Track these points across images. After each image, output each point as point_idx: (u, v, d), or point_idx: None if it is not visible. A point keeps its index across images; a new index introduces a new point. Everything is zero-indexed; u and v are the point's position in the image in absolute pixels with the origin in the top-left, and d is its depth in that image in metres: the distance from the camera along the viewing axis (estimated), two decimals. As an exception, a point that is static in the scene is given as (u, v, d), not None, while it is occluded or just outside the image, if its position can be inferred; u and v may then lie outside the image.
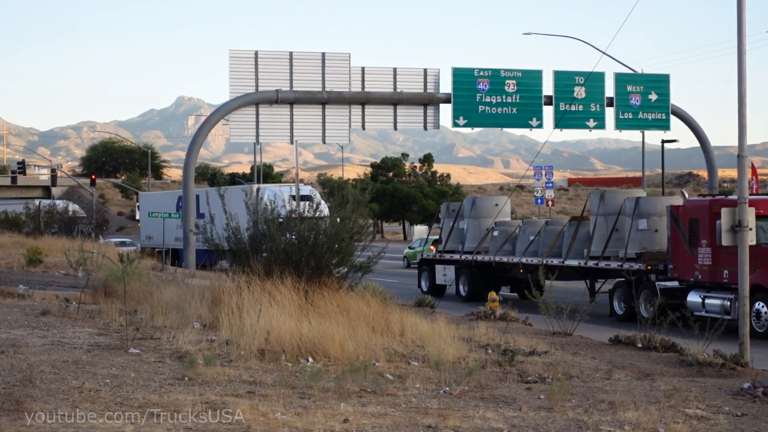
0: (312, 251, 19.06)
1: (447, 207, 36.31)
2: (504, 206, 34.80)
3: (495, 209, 34.12)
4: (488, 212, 34.01)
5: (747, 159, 17.57)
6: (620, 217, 27.43)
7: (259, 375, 12.98)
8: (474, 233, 33.50)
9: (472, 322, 21.67)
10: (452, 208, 35.75)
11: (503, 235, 32.22)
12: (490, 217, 33.83)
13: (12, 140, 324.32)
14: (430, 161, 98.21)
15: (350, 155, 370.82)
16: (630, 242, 26.61)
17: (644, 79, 47.44)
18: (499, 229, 32.62)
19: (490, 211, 34.08)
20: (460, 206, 35.08)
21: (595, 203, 28.45)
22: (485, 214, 33.93)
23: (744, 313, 17.02)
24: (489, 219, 33.72)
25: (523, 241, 31.09)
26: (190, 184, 42.98)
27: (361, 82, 43.10)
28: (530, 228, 31.44)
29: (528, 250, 30.56)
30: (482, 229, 33.48)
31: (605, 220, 27.92)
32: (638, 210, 26.69)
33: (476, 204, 34.24)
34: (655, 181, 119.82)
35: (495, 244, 32.18)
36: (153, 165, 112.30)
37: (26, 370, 12.17)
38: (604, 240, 27.69)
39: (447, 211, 35.84)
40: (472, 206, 34.11)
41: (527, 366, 15.23)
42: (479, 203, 34.43)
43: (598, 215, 28.02)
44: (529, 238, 30.80)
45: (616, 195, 28.59)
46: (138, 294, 20.01)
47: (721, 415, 11.73)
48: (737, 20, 17.38)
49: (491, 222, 33.43)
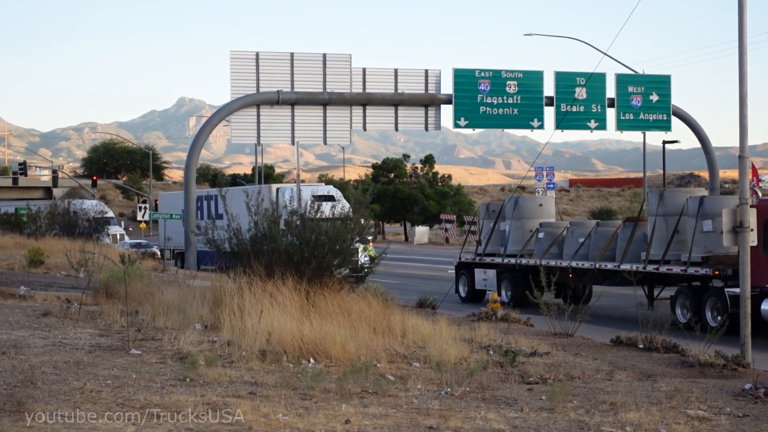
0: (313, 252, 19.07)
1: (487, 207, 34.21)
2: (548, 206, 32.90)
3: (539, 209, 32.15)
4: (532, 213, 32.03)
5: (748, 160, 17.57)
6: (682, 218, 25.42)
7: (260, 376, 12.98)
8: (517, 235, 31.61)
9: (474, 323, 21.67)
10: (492, 208, 33.66)
11: (549, 237, 30.28)
12: (534, 217, 31.85)
13: (13, 141, 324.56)
14: (431, 162, 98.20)
15: (351, 156, 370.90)
16: (694, 245, 24.69)
17: (645, 80, 47.44)
18: (544, 230, 30.65)
19: (534, 211, 32.09)
20: (501, 206, 32.97)
21: (653, 203, 26.36)
22: (528, 215, 31.96)
23: (745, 314, 17.02)
24: (533, 220, 31.76)
25: (572, 243, 29.11)
26: (192, 185, 42.99)
27: (362, 83, 43.12)
28: (579, 230, 29.44)
29: (578, 253, 28.59)
30: (526, 230, 31.58)
31: (665, 222, 25.95)
32: (703, 210, 24.75)
33: (519, 204, 32.14)
34: (656, 182, 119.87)
35: (540, 247, 30.26)
36: (154, 166, 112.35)
37: (28, 371, 12.17)
38: (665, 243, 25.74)
39: (487, 211, 33.79)
40: (514, 206, 32.02)
41: (529, 367, 15.23)
42: (522, 203, 32.35)
43: (657, 216, 26.06)
44: (578, 241, 28.85)
45: (677, 194, 26.61)
46: (139, 295, 20.02)
47: (722, 416, 11.73)
48: (738, 21, 17.39)
49: (535, 223, 31.42)
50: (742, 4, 17.32)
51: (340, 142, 47.23)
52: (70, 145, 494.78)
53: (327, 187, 45.62)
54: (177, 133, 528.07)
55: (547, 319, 20.81)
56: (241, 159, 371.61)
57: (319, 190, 42.57)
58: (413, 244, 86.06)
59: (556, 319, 20.57)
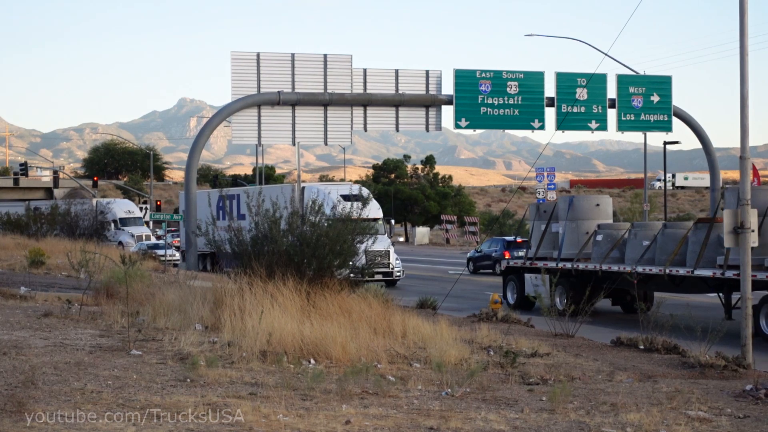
0: (314, 253, 19.06)
1: (537, 208, 31.73)
2: (605, 207, 30.50)
3: (596, 210, 29.79)
4: (588, 213, 29.72)
5: (749, 160, 17.57)
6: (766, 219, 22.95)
7: (261, 376, 12.98)
8: (572, 238, 29.32)
9: (474, 323, 21.67)
10: (543, 209, 31.33)
11: (609, 240, 27.99)
12: (591, 218, 29.54)
13: (14, 142, 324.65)
14: (432, 163, 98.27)
15: (352, 157, 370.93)
16: (782, 249, 22.42)
17: (646, 81, 47.45)
18: (603, 232, 28.37)
19: (591, 212, 29.78)
20: (554, 207, 30.68)
21: (731, 202, 23.51)
22: (584, 216, 29.65)
23: (746, 315, 17.02)
24: (589, 221, 29.47)
25: (635, 247, 26.79)
26: (192, 185, 43.00)
27: (363, 83, 43.14)
28: (643, 232, 27.04)
29: (644, 257, 26.27)
30: (581, 232, 29.33)
31: None
32: None
33: (574, 204, 29.76)
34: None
35: (599, 251, 27.89)
36: (155, 167, 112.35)
37: (28, 372, 12.17)
38: (745, 246, 24.08)
39: (537, 212, 31.29)
40: (569, 207, 29.67)
41: (529, 368, 15.23)
42: (578, 203, 29.94)
43: None
44: (643, 244, 26.55)
45: (761, 192, 24.03)
46: (140, 296, 20.02)
47: (723, 417, 11.72)
48: (739, 22, 17.38)
49: (592, 224, 29.17)
50: (743, 5, 17.32)
51: (340, 142, 47.23)
52: (71, 146, 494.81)
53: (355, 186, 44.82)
54: (178, 134, 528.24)
55: (548, 320, 20.80)
56: (241, 159, 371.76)
57: (347, 189, 41.76)
58: (414, 245, 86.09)
59: (557, 320, 20.56)
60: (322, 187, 39.76)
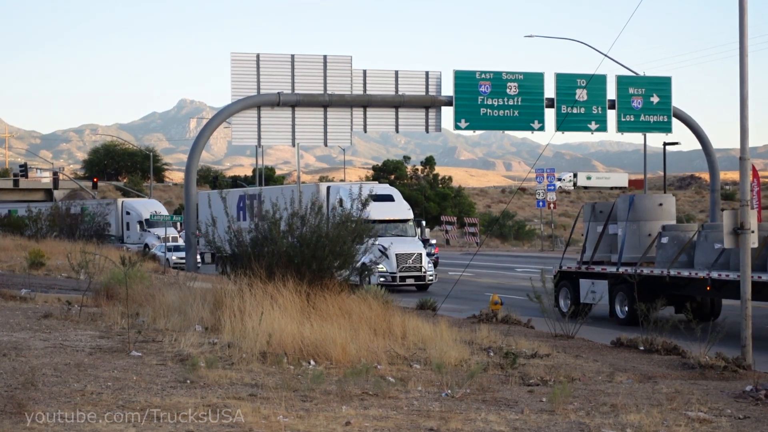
0: (314, 254, 19.06)
1: (593, 208, 29.08)
2: (669, 206, 28.04)
3: (659, 210, 27.28)
4: (650, 214, 27.24)
5: (749, 161, 17.57)
6: None
7: (261, 378, 12.99)
8: (633, 240, 26.98)
9: (474, 324, 21.67)
10: (600, 209, 28.78)
11: (676, 243, 25.66)
12: (653, 219, 27.08)
13: (14, 143, 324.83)
14: (431, 164, 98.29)
15: (352, 158, 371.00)
16: None
17: (646, 82, 47.46)
18: (669, 234, 26.03)
19: (653, 212, 27.28)
20: (612, 207, 28.31)
21: None
22: (646, 216, 27.23)
23: (746, 316, 17.01)
24: (652, 222, 27.03)
25: (706, 250, 24.46)
26: (192, 186, 42.99)
27: (363, 84, 43.16)
28: (714, 234, 24.33)
29: (718, 261, 23.93)
30: (643, 234, 27.04)
31: None
32: None
33: (635, 204, 27.33)
34: (656, 183, 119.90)
35: (665, 255, 25.50)
36: (155, 168, 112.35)
37: (28, 373, 12.17)
38: None
39: (593, 212, 28.79)
40: (629, 207, 27.25)
41: (529, 369, 15.23)
42: (639, 203, 27.50)
43: None
44: (715, 247, 24.15)
45: None
46: (140, 297, 20.03)
47: (723, 418, 11.72)
48: (739, 23, 17.39)
49: (655, 226, 26.75)
50: (743, 6, 17.33)
51: (340, 143, 47.26)
52: (71, 147, 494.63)
53: (383, 186, 42.38)
54: (178, 135, 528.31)
55: (548, 320, 20.80)
56: (241, 161, 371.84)
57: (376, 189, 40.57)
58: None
59: (557, 320, 20.56)
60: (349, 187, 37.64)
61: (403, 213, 38.06)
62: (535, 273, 29.07)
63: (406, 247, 36.17)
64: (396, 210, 37.62)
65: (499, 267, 50.88)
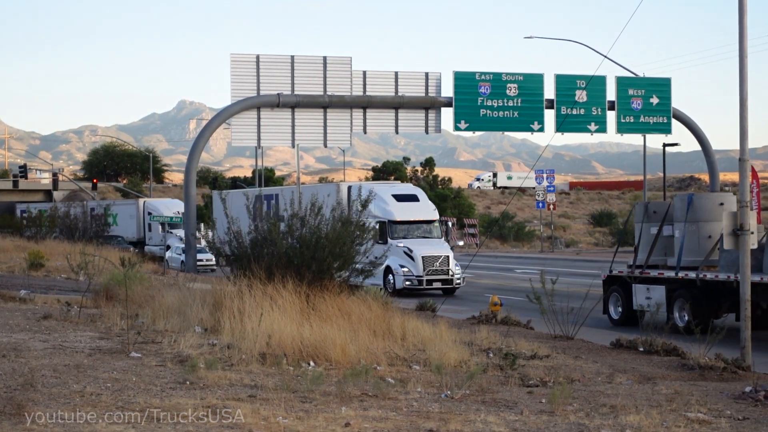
0: (313, 255, 19.06)
1: (645, 208, 27.06)
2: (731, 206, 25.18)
3: (719, 210, 24.59)
4: (710, 214, 25.09)
5: (748, 162, 17.57)
6: None
7: (260, 379, 12.98)
8: (692, 243, 24.99)
9: (474, 326, 21.67)
10: (653, 209, 26.80)
11: None
12: (714, 220, 24.81)
13: (14, 144, 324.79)
14: (431, 165, 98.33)
15: (351, 159, 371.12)
16: None
17: (645, 83, 47.47)
18: None
19: (714, 212, 24.96)
20: (668, 207, 26.33)
21: None
22: (706, 217, 25.14)
23: (745, 317, 17.01)
24: (712, 223, 24.91)
25: None
26: (192, 188, 42.96)
27: (363, 85, 43.15)
28: None
29: None
30: (702, 236, 25.10)
31: None
32: None
33: (694, 204, 25.32)
34: (656, 184, 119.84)
35: (729, 258, 23.14)
36: (154, 169, 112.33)
37: (28, 374, 12.18)
38: None
39: (645, 213, 26.80)
40: (687, 207, 25.22)
41: (529, 370, 15.23)
42: (698, 202, 25.45)
43: None
44: None
45: None
46: (139, 298, 20.04)
47: (722, 419, 11.72)
48: (738, 24, 17.40)
49: (716, 227, 24.37)
50: (742, 7, 17.33)
51: (340, 145, 47.27)
52: (71, 148, 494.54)
53: (406, 186, 41.28)
54: (177, 136, 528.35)
55: (548, 322, 20.80)
56: (241, 162, 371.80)
57: (400, 188, 39.32)
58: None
59: (557, 322, 20.56)
60: (370, 186, 35.33)
61: (429, 213, 36.45)
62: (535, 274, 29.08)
63: (433, 249, 34.97)
64: (421, 210, 36.30)
65: (498, 268, 50.87)
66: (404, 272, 34.03)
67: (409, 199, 35.99)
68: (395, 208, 35.08)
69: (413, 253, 34.10)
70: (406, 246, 34.29)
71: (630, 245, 33.69)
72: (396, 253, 33.61)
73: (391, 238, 34.36)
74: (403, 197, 35.68)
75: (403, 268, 34.14)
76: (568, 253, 70.40)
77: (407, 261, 34.14)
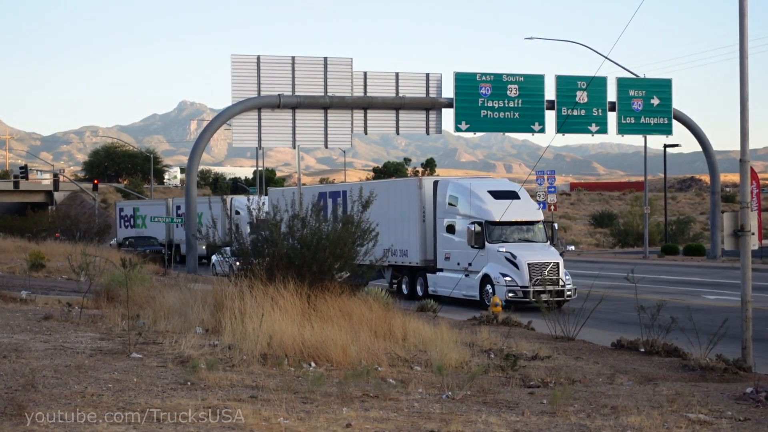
0: (314, 256, 19.06)
1: None
2: None
3: None
4: None
5: (749, 163, 17.56)
6: None
7: (261, 380, 12.98)
8: None
9: (475, 326, 21.65)
10: None
11: None
12: None
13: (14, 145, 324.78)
14: (432, 166, 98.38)
15: (352, 160, 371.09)
16: None
17: (646, 84, 47.50)
18: None
19: None
20: None
21: None
22: None
23: (746, 318, 17.00)
24: None
25: None
26: (193, 188, 43.02)
27: (363, 86, 43.20)
28: None
29: None
30: None
31: None
32: None
33: None
34: (657, 185, 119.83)
35: None
36: (155, 170, 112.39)
37: (29, 375, 12.18)
38: None
39: None
40: None
41: (530, 371, 15.23)
42: None
43: None
44: None
45: None
46: (140, 299, 20.05)
47: (723, 420, 11.71)
48: (739, 24, 17.40)
49: None
50: (743, 8, 17.33)
51: (341, 145, 47.32)
52: (71, 149, 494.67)
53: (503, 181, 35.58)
54: (178, 137, 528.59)
55: (549, 322, 20.79)
56: (242, 162, 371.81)
57: (496, 184, 33.70)
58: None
59: (558, 322, 20.55)
60: (463, 182, 31.96)
61: (532, 213, 31.19)
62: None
63: (540, 255, 29.52)
64: (523, 210, 30.97)
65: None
66: (507, 282, 28.70)
67: (509, 196, 30.90)
68: (493, 207, 30.20)
69: (517, 259, 28.93)
70: (509, 251, 29.16)
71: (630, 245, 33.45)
72: (496, 259, 29.32)
73: (489, 242, 29.71)
74: (502, 194, 30.84)
75: (505, 277, 28.77)
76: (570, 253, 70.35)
77: (510, 269, 28.91)
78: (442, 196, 31.65)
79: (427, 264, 32.35)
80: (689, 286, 37.42)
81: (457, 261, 30.78)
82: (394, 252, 32.14)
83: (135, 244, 54.82)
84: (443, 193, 31.56)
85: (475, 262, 29.82)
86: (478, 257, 29.69)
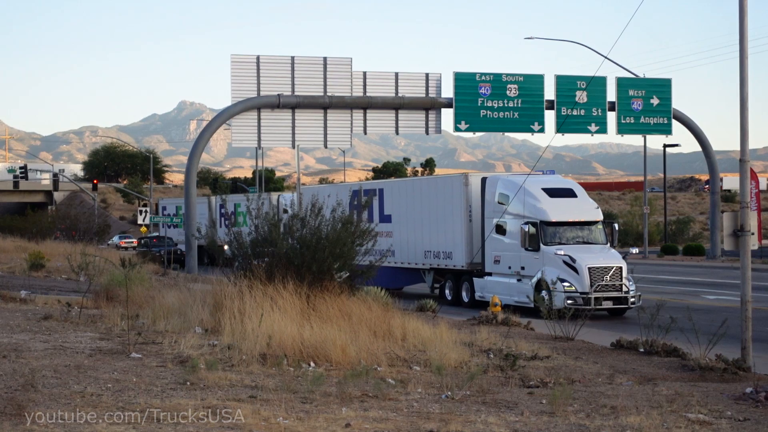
0: (314, 256, 19.05)
1: None
2: None
3: None
4: None
5: (749, 163, 17.56)
6: None
7: (260, 380, 12.98)
8: None
9: (474, 326, 21.65)
10: None
11: None
12: None
13: (14, 145, 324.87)
14: (431, 166, 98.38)
15: (352, 160, 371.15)
16: None
17: (646, 84, 47.49)
18: None
19: None
20: None
21: None
22: None
23: (746, 318, 17.00)
24: None
25: None
26: (192, 188, 43.01)
27: (363, 86, 43.21)
28: None
29: None
30: None
31: None
32: None
33: None
34: (657, 185, 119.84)
35: None
36: (155, 170, 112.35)
37: (28, 375, 12.18)
38: None
39: None
40: None
41: (529, 371, 15.22)
42: None
43: None
44: None
45: None
46: (140, 299, 20.05)
47: (723, 420, 11.71)
48: (739, 24, 17.40)
49: None
50: (743, 7, 17.33)
51: (340, 145, 47.32)
52: (71, 149, 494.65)
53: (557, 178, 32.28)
54: (178, 137, 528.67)
55: (548, 322, 20.79)
56: (241, 162, 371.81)
57: (550, 180, 30.69)
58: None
59: (557, 322, 20.54)
60: (514, 179, 29.37)
61: (591, 213, 28.55)
62: (535, 275, 29.01)
63: (601, 259, 27.07)
64: (581, 209, 28.51)
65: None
66: (565, 287, 26.31)
67: (565, 194, 28.67)
68: (549, 206, 27.88)
69: (576, 263, 26.58)
70: (567, 255, 26.83)
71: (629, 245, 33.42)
72: (552, 263, 27.00)
73: (544, 244, 27.41)
74: (558, 191, 28.52)
75: (563, 282, 26.34)
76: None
77: (569, 273, 26.53)
78: (490, 194, 29.29)
79: (474, 267, 30.03)
80: (689, 286, 37.43)
81: (508, 264, 28.49)
82: (437, 254, 31.22)
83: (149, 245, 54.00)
84: (492, 190, 29.22)
85: (528, 266, 27.61)
86: (532, 260, 27.42)
